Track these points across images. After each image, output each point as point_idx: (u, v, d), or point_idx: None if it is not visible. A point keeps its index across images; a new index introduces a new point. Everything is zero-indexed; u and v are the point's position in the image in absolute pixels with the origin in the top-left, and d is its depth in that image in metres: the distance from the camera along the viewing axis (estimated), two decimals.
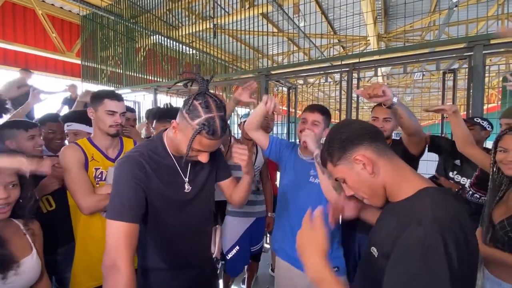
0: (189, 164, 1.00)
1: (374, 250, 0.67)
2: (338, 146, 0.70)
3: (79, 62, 5.96)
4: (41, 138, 1.53)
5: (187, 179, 0.99)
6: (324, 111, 1.37)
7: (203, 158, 0.88)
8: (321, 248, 0.61)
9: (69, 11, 5.87)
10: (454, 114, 1.33)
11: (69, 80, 6.12)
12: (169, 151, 0.97)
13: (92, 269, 1.23)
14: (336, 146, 0.71)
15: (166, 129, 1.00)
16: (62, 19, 5.84)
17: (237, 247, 1.94)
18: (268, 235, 3.14)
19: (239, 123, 2.25)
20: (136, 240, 0.86)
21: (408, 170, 0.69)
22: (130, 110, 2.13)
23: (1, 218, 0.89)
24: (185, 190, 0.98)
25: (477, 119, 1.83)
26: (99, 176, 1.28)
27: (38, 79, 5.58)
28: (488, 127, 1.79)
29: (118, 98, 1.32)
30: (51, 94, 4.68)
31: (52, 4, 5.56)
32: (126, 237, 0.82)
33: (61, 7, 5.72)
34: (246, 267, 2.28)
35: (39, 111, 3.34)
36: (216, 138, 0.83)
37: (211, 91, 0.88)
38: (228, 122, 2.02)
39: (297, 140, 1.93)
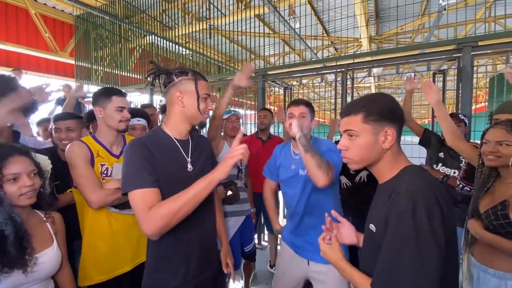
0: (190, 148, 1.09)
1: (372, 227, 0.77)
2: (383, 111, 0.74)
3: (71, 62, 5.90)
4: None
5: (189, 159, 1.06)
6: (308, 104, 1.46)
7: (210, 105, 1.08)
8: (341, 254, 0.85)
9: (62, 10, 5.80)
10: (437, 105, 1.43)
11: (61, 80, 6.05)
12: (170, 135, 1.06)
13: (99, 264, 1.25)
14: (380, 108, 0.74)
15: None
16: (54, 19, 5.77)
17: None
18: (266, 232, 3.18)
19: (224, 122, 2.17)
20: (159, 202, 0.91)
21: (402, 157, 0.79)
22: None
23: (29, 203, 0.97)
24: (188, 169, 1.05)
25: (461, 116, 1.98)
26: (105, 172, 1.30)
27: (30, 79, 5.52)
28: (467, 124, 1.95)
29: (124, 94, 1.37)
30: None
31: (45, 4, 5.50)
32: (145, 201, 0.87)
33: (53, 7, 5.65)
34: (242, 266, 2.27)
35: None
36: (206, 79, 1.09)
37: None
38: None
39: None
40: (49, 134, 2.21)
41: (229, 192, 1.80)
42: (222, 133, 2.08)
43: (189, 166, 1.05)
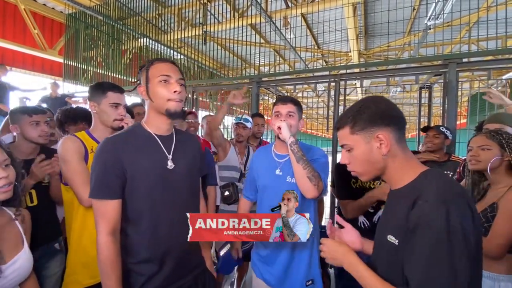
0: (172, 144, 1.03)
1: (392, 239, 0.69)
2: (368, 117, 0.70)
3: (59, 60, 5.76)
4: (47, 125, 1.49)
5: (170, 156, 1.00)
6: (296, 102, 1.30)
7: (176, 87, 0.95)
8: (347, 247, 0.78)
9: (52, 8, 5.70)
10: None
11: (48, 78, 5.87)
12: (149, 131, 1.00)
13: (89, 267, 1.17)
14: (365, 116, 0.70)
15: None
16: (43, 16, 5.65)
17: (229, 245, 1.94)
18: None
19: (233, 126, 2.28)
20: (113, 214, 0.90)
21: (414, 160, 0.73)
22: None
23: (4, 198, 0.85)
24: (168, 167, 0.98)
25: (442, 128, 1.97)
26: None
27: (15, 76, 5.32)
28: (450, 136, 1.97)
29: (121, 90, 1.31)
30: (29, 92, 4.47)
31: (35, 0, 5.38)
32: (98, 212, 0.90)
33: (44, 4, 5.54)
34: (236, 267, 2.27)
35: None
36: (164, 60, 0.99)
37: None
38: (222, 127, 2.06)
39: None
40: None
41: (226, 193, 1.84)
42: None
43: (169, 163, 0.98)
